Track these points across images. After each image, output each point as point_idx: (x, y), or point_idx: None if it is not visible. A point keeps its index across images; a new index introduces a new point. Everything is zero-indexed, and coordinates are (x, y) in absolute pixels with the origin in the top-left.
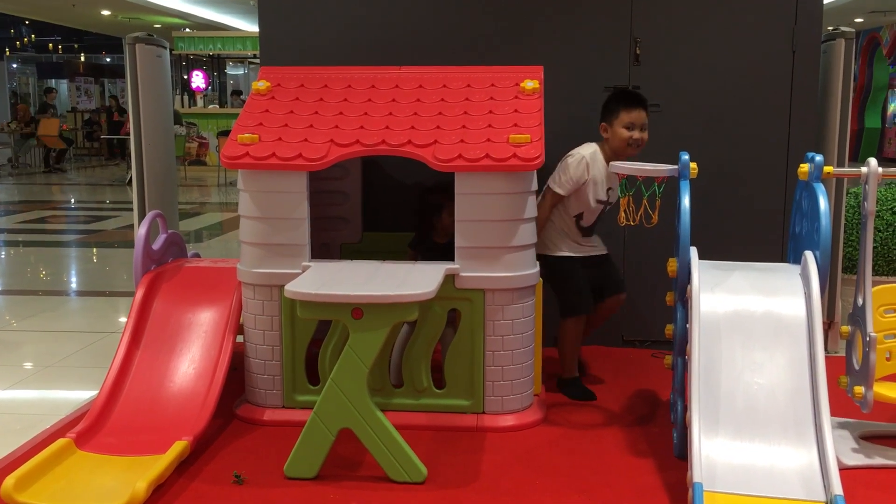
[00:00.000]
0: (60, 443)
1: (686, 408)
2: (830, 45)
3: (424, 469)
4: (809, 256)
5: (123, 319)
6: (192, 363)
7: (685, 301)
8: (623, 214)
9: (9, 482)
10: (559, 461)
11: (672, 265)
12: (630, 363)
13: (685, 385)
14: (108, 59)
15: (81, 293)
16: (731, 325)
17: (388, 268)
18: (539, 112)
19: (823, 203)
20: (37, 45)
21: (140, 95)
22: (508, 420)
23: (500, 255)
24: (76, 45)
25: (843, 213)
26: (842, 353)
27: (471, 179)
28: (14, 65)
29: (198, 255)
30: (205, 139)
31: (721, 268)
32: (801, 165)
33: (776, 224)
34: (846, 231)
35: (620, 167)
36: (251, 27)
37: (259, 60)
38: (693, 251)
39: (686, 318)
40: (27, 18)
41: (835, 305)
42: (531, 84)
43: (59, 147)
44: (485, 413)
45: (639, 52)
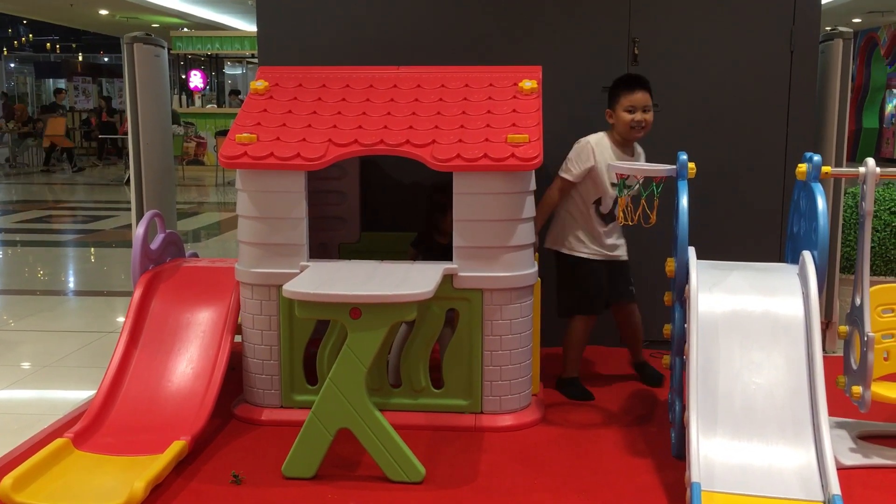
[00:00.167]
0: (58, 442)
1: (684, 407)
2: (828, 46)
3: (423, 469)
4: (807, 256)
5: (121, 319)
6: (191, 363)
7: (683, 301)
8: (621, 214)
9: (6, 482)
10: (557, 461)
11: (670, 265)
12: (628, 363)
13: (683, 385)
14: (106, 59)
15: (79, 293)
16: (730, 325)
17: (387, 268)
18: (537, 112)
19: (821, 203)
20: (34, 45)
21: (138, 95)
22: (506, 420)
23: (499, 255)
24: (74, 45)
25: (841, 213)
26: (840, 353)
27: (469, 179)
28: (12, 64)
29: (196, 255)
30: (203, 139)
31: (719, 268)
32: (800, 165)
33: (774, 224)
34: (844, 231)
35: (619, 167)
36: (249, 27)
37: (257, 60)
38: (691, 251)
39: (684, 318)
40: (25, 18)
41: (833, 305)
42: (529, 84)
43: (67, 146)
44: (483, 413)
45: (637, 53)
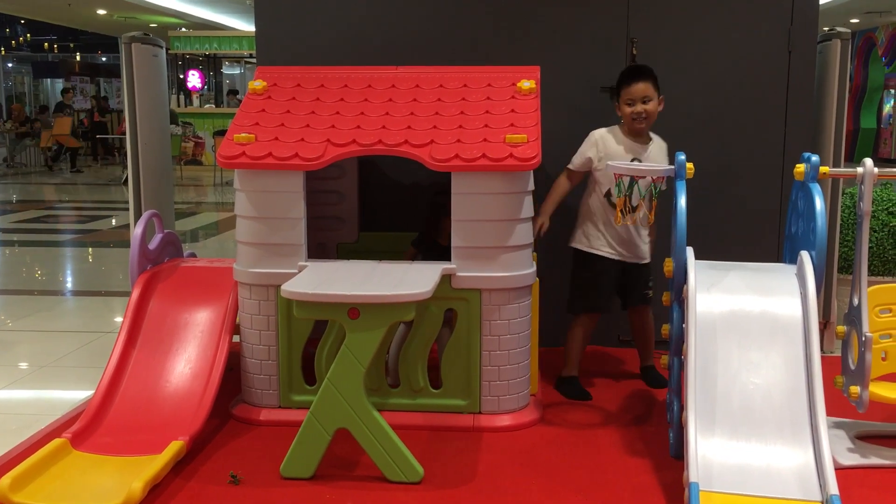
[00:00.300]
0: (56, 443)
1: (682, 407)
2: (826, 46)
3: (421, 469)
4: (805, 256)
5: (119, 319)
6: (189, 363)
7: (681, 301)
8: (619, 214)
9: (4, 482)
10: (556, 461)
11: (668, 265)
12: (626, 363)
13: (681, 385)
14: (104, 59)
15: (77, 293)
16: (728, 325)
17: (385, 268)
18: (536, 112)
19: (819, 203)
20: (32, 45)
21: (136, 95)
22: (505, 420)
23: (497, 255)
24: (72, 45)
25: (839, 214)
26: (838, 353)
27: (467, 179)
28: (9, 64)
29: (194, 255)
30: (201, 139)
31: (717, 268)
32: (798, 166)
33: (772, 224)
34: (842, 231)
35: (617, 167)
36: (247, 27)
37: (255, 60)
38: (689, 251)
39: (682, 318)
40: (23, 17)
41: (830, 305)
42: (528, 84)
43: (74, 146)
44: (481, 413)
45: (635, 53)
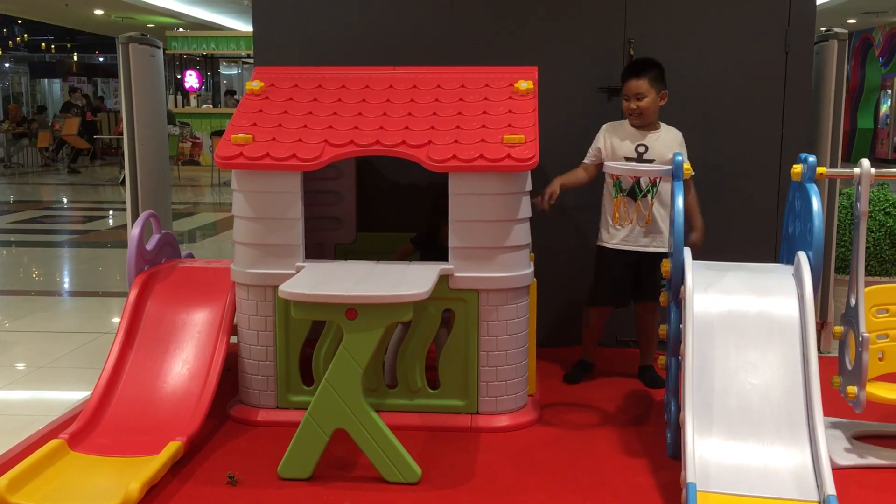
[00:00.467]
0: (53, 444)
1: (680, 408)
2: (823, 47)
3: (419, 469)
4: (802, 257)
5: (117, 320)
6: (186, 364)
7: (679, 301)
8: (617, 214)
9: (1, 483)
10: (553, 461)
11: (666, 265)
12: (624, 363)
13: (679, 385)
14: (102, 59)
15: (74, 293)
16: (725, 326)
17: (383, 268)
18: (533, 112)
19: (816, 204)
20: (29, 45)
21: (133, 95)
22: (503, 420)
23: (495, 256)
24: (69, 45)
25: (836, 214)
26: (835, 354)
27: (465, 180)
28: (7, 64)
29: (191, 256)
30: (198, 139)
31: (714, 268)
32: (794, 166)
33: (769, 225)
34: (839, 231)
35: (614, 168)
36: (245, 27)
37: (253, 60)
38: (687, 252)
39: (680, 319)
40: (19, 18)
41: (828, 306)
42: (525, 84)
43: (82, 146)
44: (479, 413)
45: (632, 53)
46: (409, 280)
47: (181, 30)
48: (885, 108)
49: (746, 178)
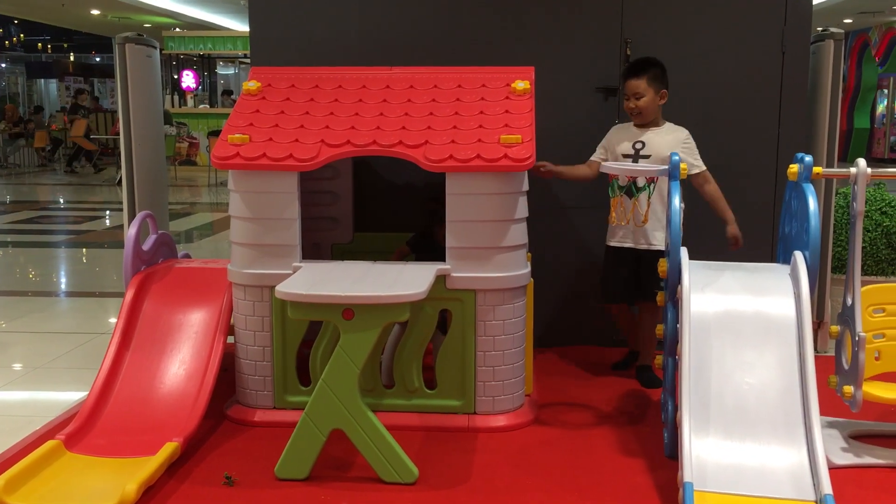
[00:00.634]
0: (50, 444)
1: (677, 407)
2: (820, 46)
3: (416, 470)
4: (799, 256)
5: (113, 320)
6: (183, 364)
7: (676, 301)
8: (614, 214)
9: None
10: (550, 461)
11: (662, 265)
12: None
13: (676, 385)
14: (98, 59)
15: (71, 294)
16: (722, 325)
17: (380, 268)
18: (530, 112)
19: (812, 203)
20: (26, 45)
21: (130, 95)
22: (500, 420)
23: (492, 256)
24: (66, 45)
25: (833, 214)
26: (831, 353)
27: (462, 180)
28: (3, 64)
29: (188, 256)
30: (195, 139)
31: (711, 268)
32: (791, 166)
33: (766, 224)
34: (835, 231)
35: (610, 167)
36: (242, 27)
37: (249, 60)
38: (683, 251)
39: (677, 319)
40: (16, 18)
41: (824, 305)
42: (522, 84)
43: (89, 148)
44: (476, 413)
45: (629, 53)
46: (406, 280)
47: (178, 30)
48: (882, 108)
49: (743, 178)
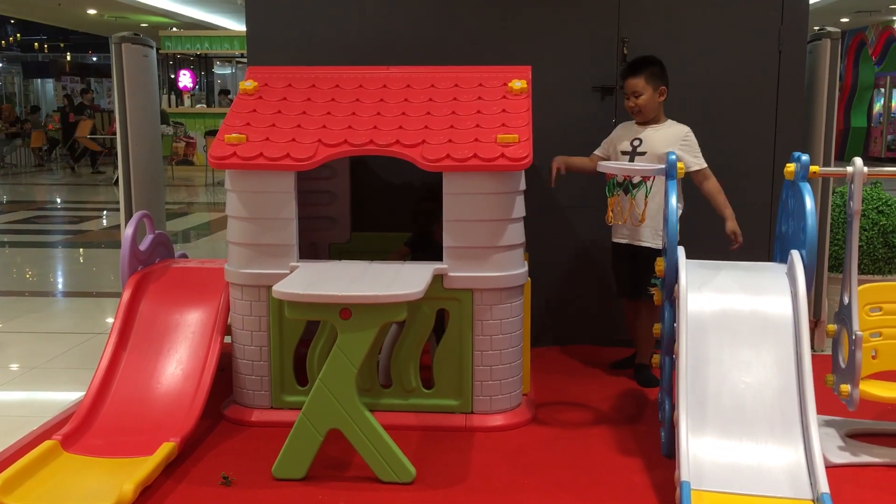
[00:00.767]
0: (47, 445)
1: (674, 406)
2: (816, 45)
3: (413, 469)
4: (796, 255)
5: (110, 320)
6: (180, 364)
7: (673, 300)
8: (611, 214)
9: None
10: (548, 460)
11: (660, 264)
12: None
13: (673, 384)
14: (95, 59)
15: (68, 294)
16: (719, 324)
17: (377, 268)
18: (527, 112)
19: (809, 202)
20: (22, 45)
21: (126, 95)
22: (497, 420)
23: (489, 255)
24: (62, 45)
25: (830, 213)
26: (828, 352)
27: (459, 179)
28: None
29: (185, 256)
30: (192, 139)
31: (708, 267)
32: (788, 165)
33: (763, 223)
34: (832, 230)
35: (607, 167)
36: (238, 26)
37: (246, 60)
38: (680, 250)
39: (674, 318)
40: (12, 17)
41: (821, 304)
42: (519, 84)
43: (94, 148)
44: (473, 413)
45: (626, 53)
46: (404, 280)
47: (175, 29)
48: (879, 107)
49: (740, 177)
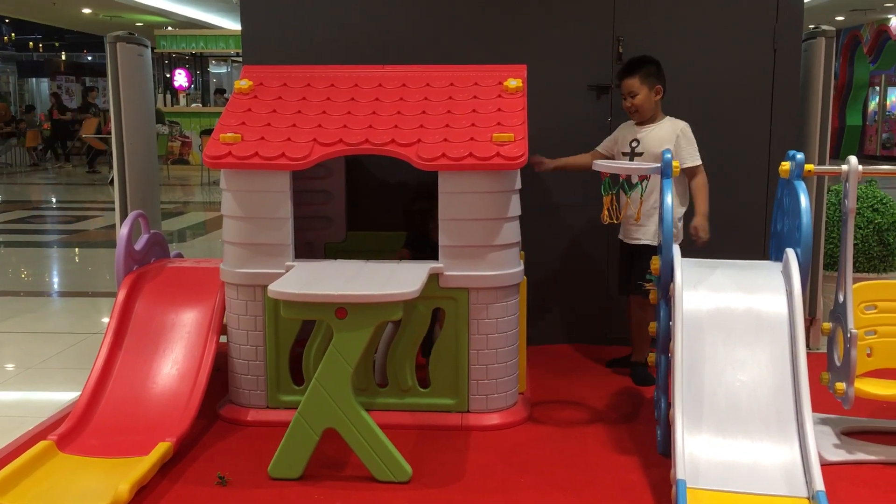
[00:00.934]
0: (42, 445)
1: (669, 405)
2: (811, 44)
3: (409, 468)
4: (791, 254)
5: (106, 320)
6: (176, 364)
7: (668, 299)
8: (606, 213)
9: None
10: (544, 459)
11: (655, 263)
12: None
13: (668, 382)
14: (90, 58)
15: (63, 294)
16: (714, 323)
17: (373, 267)
18: (522, 111)
19: (804, 201)
20: (17, 44)
21: (121, 94)
22: (493, 419)
23: (484, 254)
24: (57, 44)
25: (825, 211)
26: (823, 350)
27: (454, 178)
28: None
29: (181, 255)
30: (188, 138)
31: (703, 265)
32: (783, 163)
33: (758, 222)
34: (827, 228)
35: (602, 165)
36: (234, 25)
37: (242, 59)
38: (676, 249)
39: (669, 316)
40: (7, 17)
41: (816, 302)
42: (514, 83)
43: (99, 147)
44: (469, 412)
45: (621, 51)
46: (399, 279)
47: (170, 28)
48: (874, 105)
49: (735, 175)
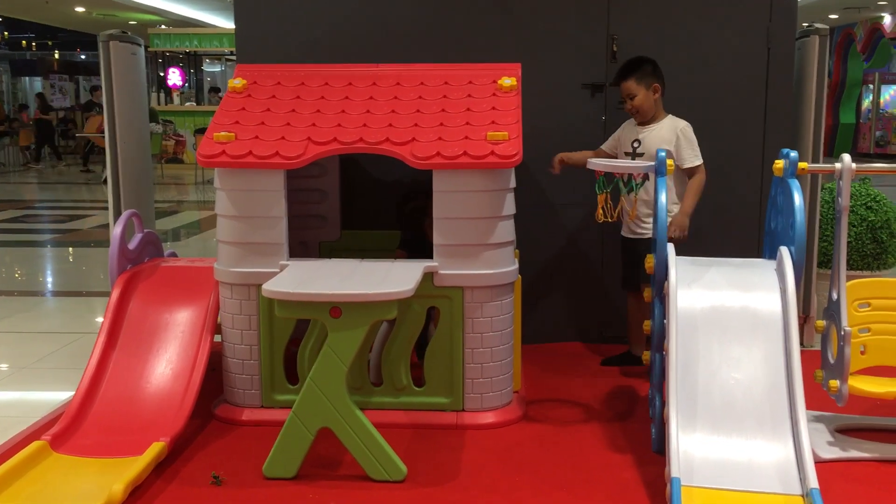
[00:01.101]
0: (36, 445)
1: (664, 403)
2: (805, 42)
3: (404, 467)
4: (785, 252)
5: (99, 320)
6: (170, 363)
7: (663, 297)
8: (601, 211)
9: None
10: (539, 458)
11: (649, 261)
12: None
13: (663, 381)
14: (83, 57)
15: (57, 293)
16: (708, 321)
17: (367, 266)
18: (517, 109)
19: (798, 199)
20: (10, 43)
21: (115, 93)
22: (488, 417)
23: (479, 253)
24: (50, 43)
25: (818, 209)
26: (817, 348)
27: (449, 177)
28: None
29: (175, 255)
30: (182, 137)
31: (698, 264)
32: (776, 161)
33: (752, 220)
34: (821, 226)
35: (597, 164)
36: (228, 24)
37: (235, 57)
38: (670, 247)
39: (664, 314)
40: (0, 15)
41: (810, 300)
42: (509, 81)
43: (103, 146)
44: (464, 411)
45: (616, 50)
46: (394, 278)
47: (163, 27)
48: (867, 103)
49: (729, 174)
